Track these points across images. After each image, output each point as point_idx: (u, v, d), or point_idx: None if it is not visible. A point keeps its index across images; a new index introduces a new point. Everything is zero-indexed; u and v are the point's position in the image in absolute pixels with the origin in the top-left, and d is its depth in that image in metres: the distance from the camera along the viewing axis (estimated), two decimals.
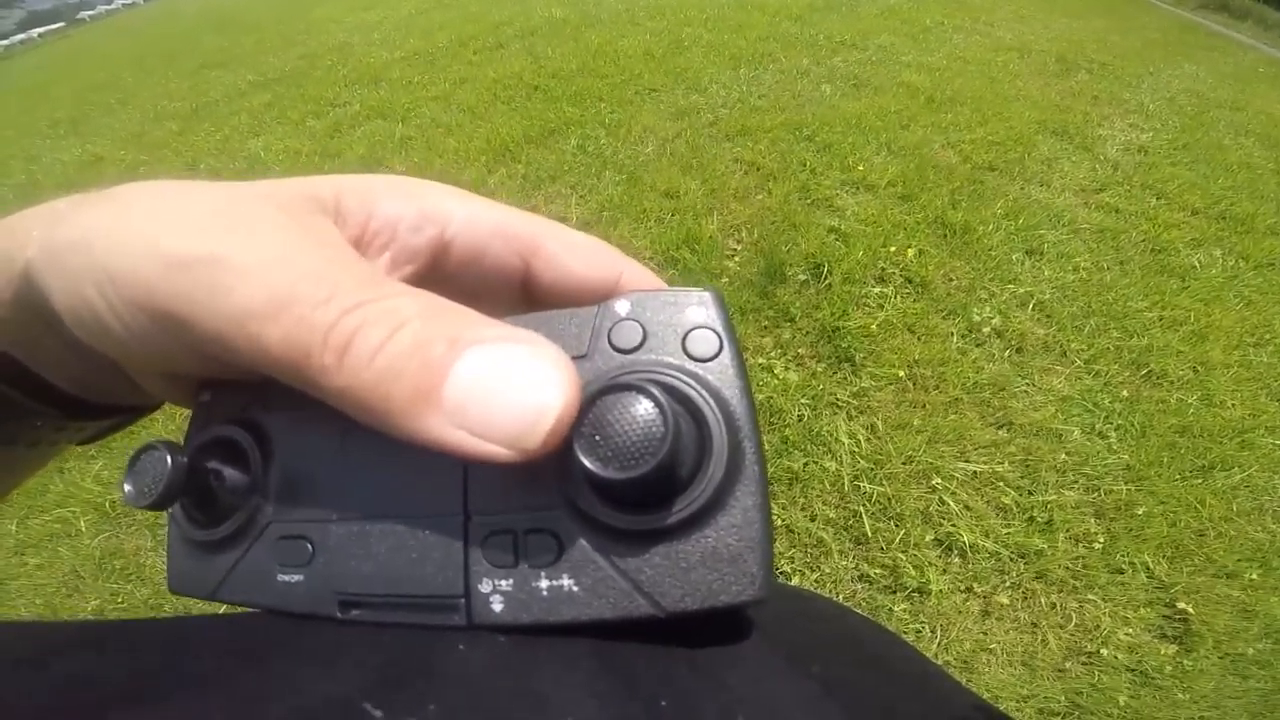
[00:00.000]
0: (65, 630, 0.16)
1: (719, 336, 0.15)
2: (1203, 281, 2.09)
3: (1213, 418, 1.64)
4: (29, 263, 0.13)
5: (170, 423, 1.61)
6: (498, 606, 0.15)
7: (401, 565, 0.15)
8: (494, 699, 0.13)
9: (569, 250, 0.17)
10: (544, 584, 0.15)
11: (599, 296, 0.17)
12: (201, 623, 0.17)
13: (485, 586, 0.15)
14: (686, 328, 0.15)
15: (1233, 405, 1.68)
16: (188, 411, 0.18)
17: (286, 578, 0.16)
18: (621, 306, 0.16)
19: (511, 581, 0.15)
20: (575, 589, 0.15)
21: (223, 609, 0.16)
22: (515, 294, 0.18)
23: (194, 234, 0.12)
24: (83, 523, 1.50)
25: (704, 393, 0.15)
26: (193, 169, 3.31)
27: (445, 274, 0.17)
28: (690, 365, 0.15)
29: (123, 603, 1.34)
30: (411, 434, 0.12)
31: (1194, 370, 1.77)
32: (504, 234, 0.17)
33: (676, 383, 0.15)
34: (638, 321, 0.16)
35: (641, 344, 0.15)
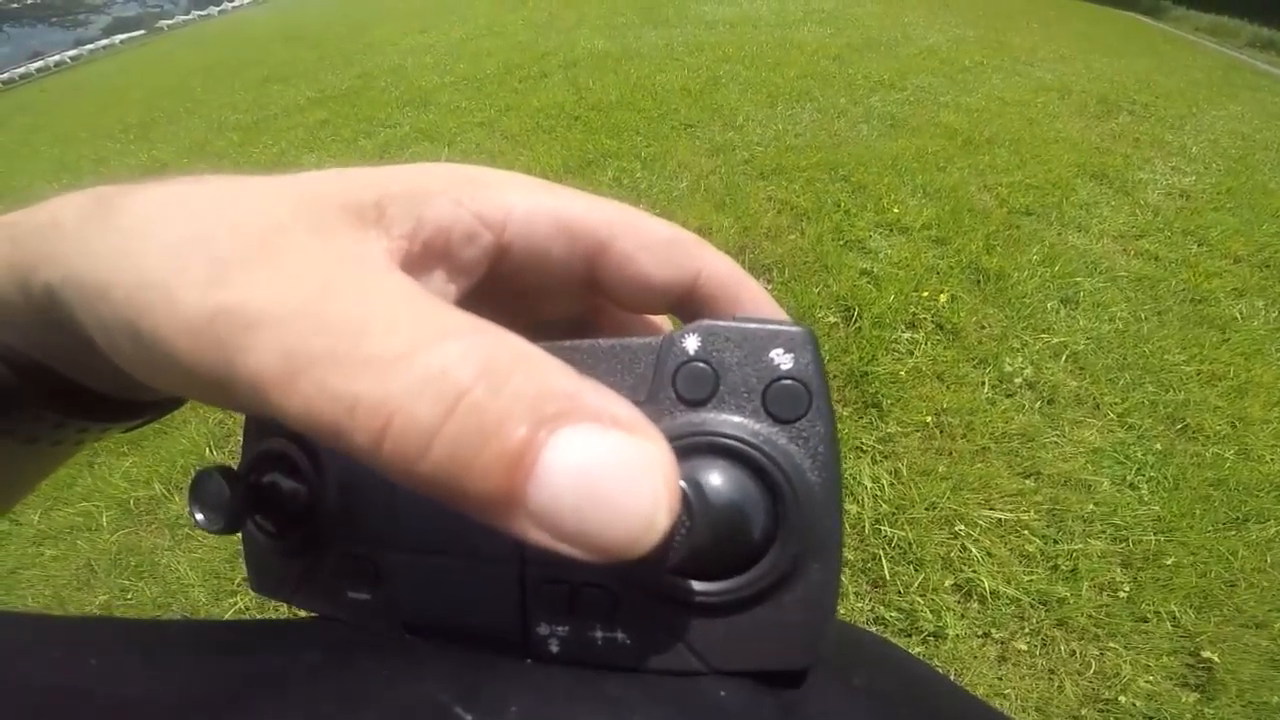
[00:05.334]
0: (173, 629, 0.17)
1: (808, 391, 0.13)
2: (1244, 334, 2.05)
3: (1250, 472, 1.61)
4: (49, 287, 0.12)
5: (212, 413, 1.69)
6: (554, 648, 0.15)
7: (461, 601, 0.15)
8: (568, 701, 0.14)
9: (639, 250, 0.15)
10: (599, 634, 0.15)
11: (671, 299, 0.16)
12: (291, 623, 0.17)
13: (542, 629, 0.15)
14: (769, 378, 0.13)
15: (1271, 460, 1.65)
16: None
17: (355, 595, 0.16)
18: (690, 343, 0.14)
19: (568, 629, 0.15)
20: (628, 643, 0.15)
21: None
22: (579, 290, 0.16)
23: (211, 279, 0.10)
24: (104, 518, 1.54)
25: (785, 467, 0.13)
26: None
27: (503, 275, 0.15)
28: (770, 430, 0.13)
29: (131, 599, 1.37)
30: (486, 523, 0.10)
31: (1232, 425, 1.74)
32: (567, 233, 0.15)
33: (753, 453, 0.13)
34: (709, 364, 0.14)
35: (712, 395, 0.14)
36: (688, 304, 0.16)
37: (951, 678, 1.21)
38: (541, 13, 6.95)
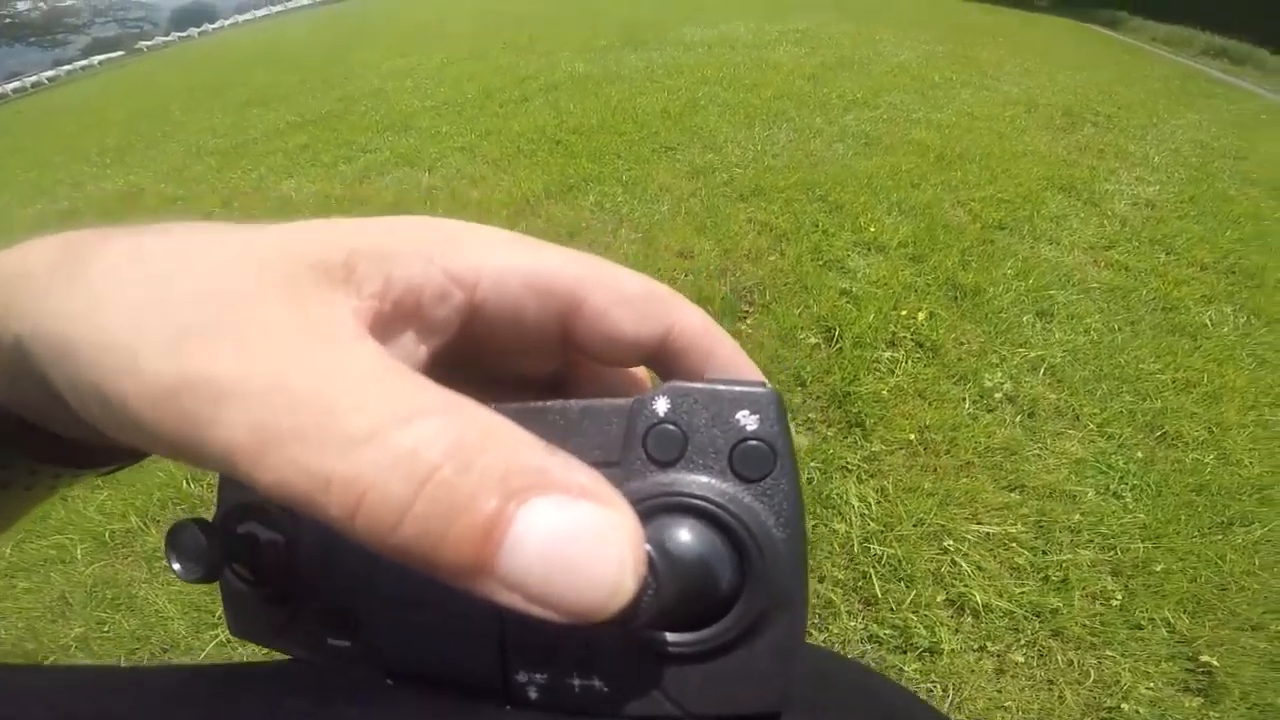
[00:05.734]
0: (151, 675, 0.18)
1: (773, 451, 0.14)
2: (1215, 341, 2.10)
3: (1230, 476, 1.64)
4: (18, 340, 0.12)
5: None
6: (533, 694, 0.15)
7: (441, 649, 0.16)
8: None
9: (612, 306, 0.15)
10: (576, 682, 0.15)
11: (644, 353, 0.16)
12: (273, 668, 0.18)
13: (521, 677, 0.15)
14: (734, 438, 0.14)
15: (1250, 463, 1.68)
16: None
17: (336, 642, 0.17)
18: (660, 405, 0.14)
19: (546, 676, 0.15)
20: (605, 689, 0.15)
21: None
22: (554, 346, 0.16)
23: (174, 345, 0.10)
24: (79, 550, 1.52)
25: (749, 524, 0.14)
26: (227, 207, 3.42)
27: (476, 335, 0.15)
28: (735, 490, 0.14)
29: (109, 632, 1.35)
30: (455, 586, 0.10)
31: (1209, 431, 1.78)
32: (540, 291, 0.15)
33: (719, 512, 0.14)
34: (678, 426, 0.14)
35: (681, 456, 0.14)
36: (660, 357, 0.16)
37: (950, 693, 1.21)
38: (522, 36, 7.04)
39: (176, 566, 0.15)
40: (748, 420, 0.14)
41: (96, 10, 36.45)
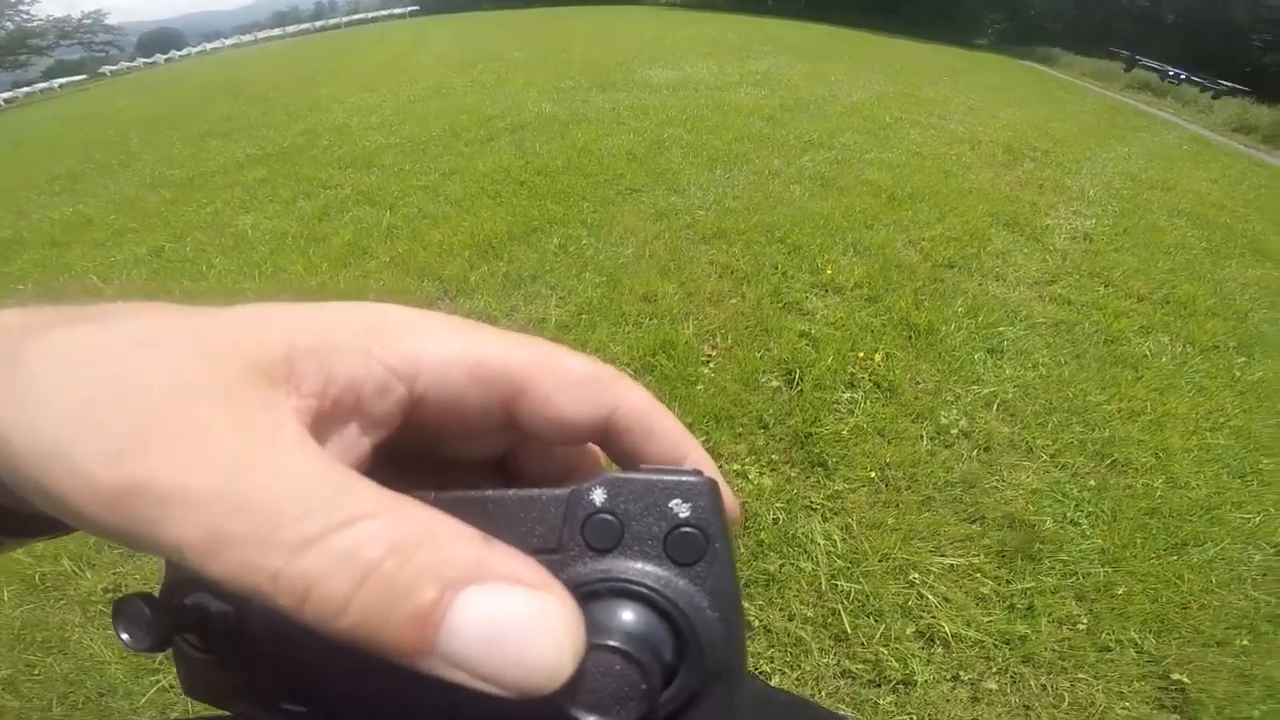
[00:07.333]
0: None
1: (705, 537, 0.15)
2: (1155, 370, 2.21)
3: (1179, 499, 1.71)
4: None
5: None
6: None
7: (397, 716, 0.16)
8: None
9: (556, 391, 0.15)
10: None
11: (589, 434, 0.16)
12: None
13: None
14: (669, 525, 0.15)
15: (1197, 486, 1.76)
16: None
17: (291, 707, 0.17)
18: (597, 495, 0.15)
19: None
20: None
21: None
22: (498, 429, 0.16)
23: (114, 452, 0.11)
24: (5, 593, 1.46)
25: (683, 607, 0.15)
26: (179, 241, 3.31)
27: (420, 423, 0.15)
28: (670, 574, 0.15)
29: (39, 674, 1.30)
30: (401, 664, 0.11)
31: (1156, 457, 1.85)
32: (482, 380, 0.15)
33: (654, 596, 0.15)
34: (614, 515, 0.15)
35: (618, 543, 0.15)
36: (605, 436, 0.17)
37: None
38: (490, 75, 7.15)
39: (125, 637, 0.15)
40: (681, 508, 0.15)
41: (62, 32, 35.48)
